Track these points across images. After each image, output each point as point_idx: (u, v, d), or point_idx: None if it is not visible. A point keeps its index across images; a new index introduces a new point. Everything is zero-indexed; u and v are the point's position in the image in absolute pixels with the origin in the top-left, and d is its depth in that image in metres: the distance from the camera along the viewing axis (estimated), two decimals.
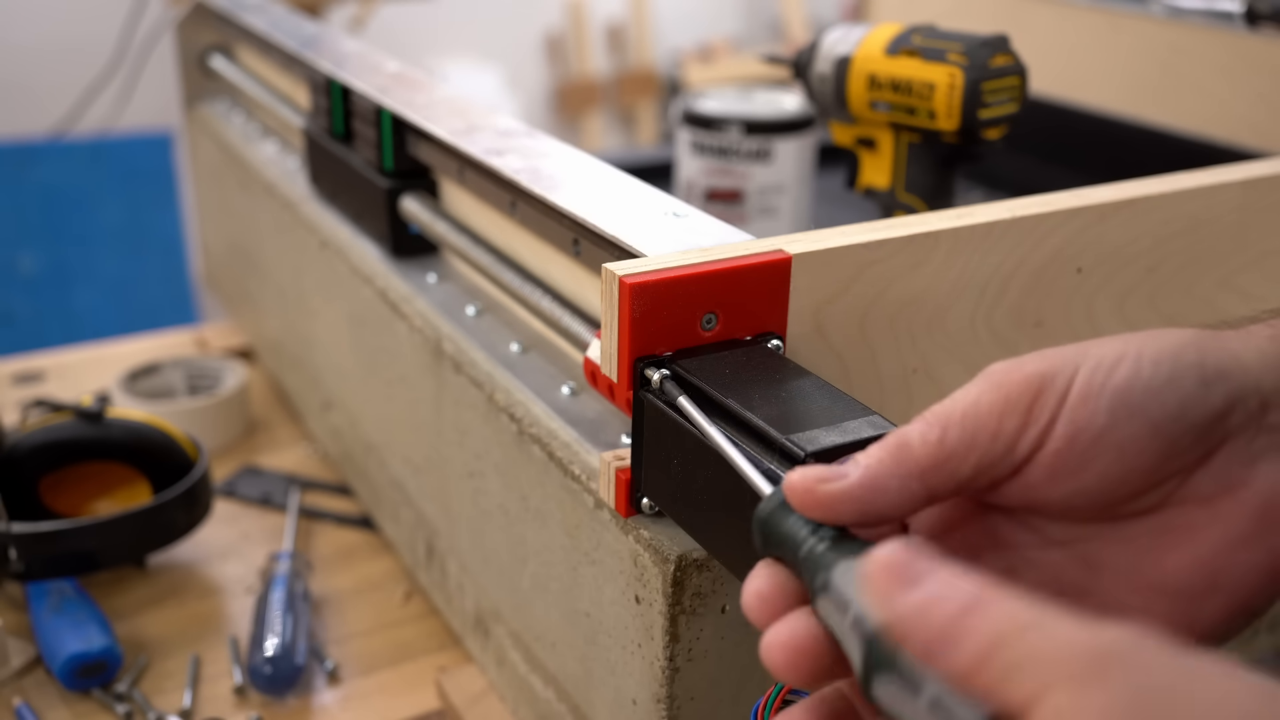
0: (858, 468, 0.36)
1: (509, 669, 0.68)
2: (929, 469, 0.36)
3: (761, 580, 0.36)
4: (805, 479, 0.36)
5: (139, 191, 2.32)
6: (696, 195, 1.06)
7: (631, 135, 3.80)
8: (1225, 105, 1.09)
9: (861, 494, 0.36)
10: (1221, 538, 0.36)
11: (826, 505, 0.36)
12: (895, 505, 0.36)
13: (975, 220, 0.55)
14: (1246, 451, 0.37)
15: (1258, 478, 0.37)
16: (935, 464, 0.36)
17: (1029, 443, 0.36)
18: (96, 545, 0.79)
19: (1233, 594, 0.36)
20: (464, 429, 0.68)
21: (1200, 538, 0.37)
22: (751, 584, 0.36)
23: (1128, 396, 0.36)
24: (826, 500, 0.36)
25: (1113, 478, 0.36)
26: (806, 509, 0.36)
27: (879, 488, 0.36)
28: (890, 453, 0.36)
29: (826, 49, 0.83)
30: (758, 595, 0.36)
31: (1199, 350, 0.37)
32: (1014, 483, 0.37)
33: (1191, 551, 0.37)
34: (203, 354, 1.15)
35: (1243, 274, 0.66)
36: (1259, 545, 0.36)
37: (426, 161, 0.78)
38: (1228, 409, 0.36)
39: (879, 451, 0.37)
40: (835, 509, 0.36)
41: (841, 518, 0.36)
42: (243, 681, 0.74)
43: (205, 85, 1.22)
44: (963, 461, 0.36)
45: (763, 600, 0.36)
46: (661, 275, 0.47)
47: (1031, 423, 0.36)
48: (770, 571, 0.36)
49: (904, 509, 0.36)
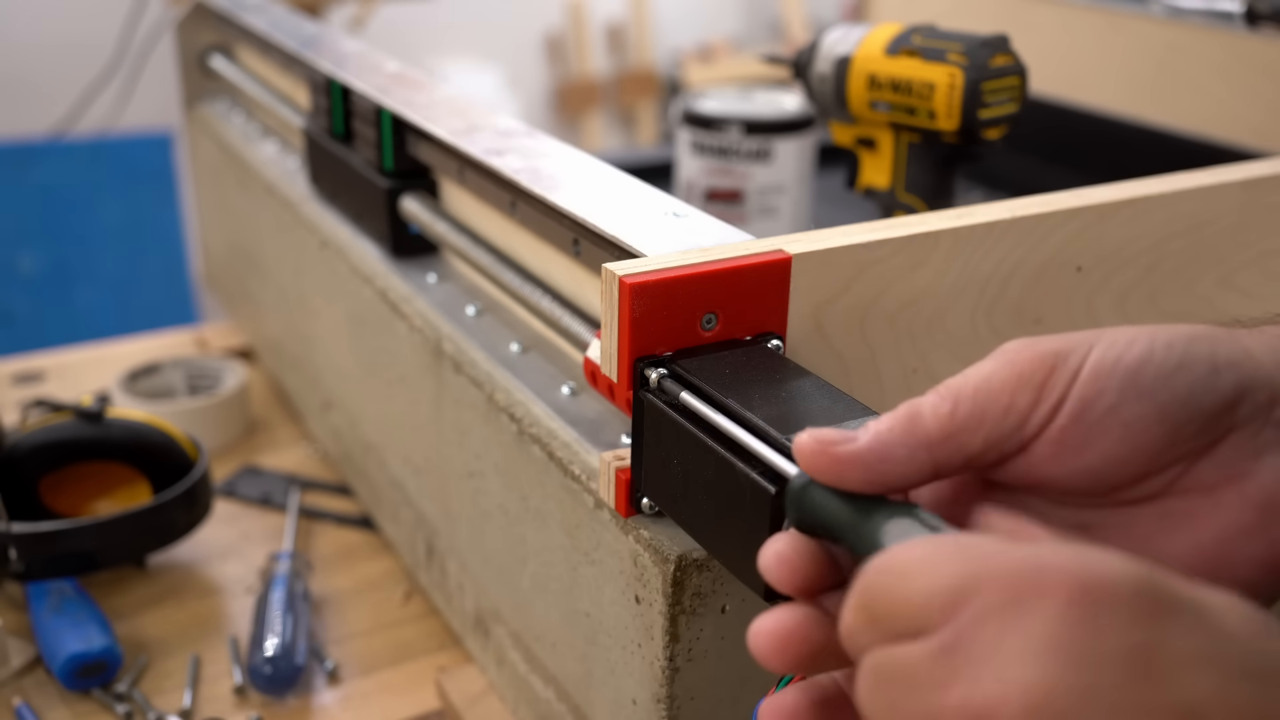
0: (868, 433, 0.36)
1: (509, 669, 0.68)
2: (938, 441, 0.36)
3: (782, 543, 0.37)
4: (817, 439, 0.36)
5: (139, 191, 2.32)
6: (696, 195, 1.06)
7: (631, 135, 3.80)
8: (1224, 105, 1.09)
9: (869, 459, 0.36)
10: (1223, 528, 0.37)
11: (835, 467, 0.36)
12: (902, 474, 0.36)
13: (975, 220, 0.55)
14: (1252, 443, 0.37)
15: (1262, 470, 0.37)
16: (945, 436, 0.36)
17: (1039, 419, 0.36)
18: (96, 545, 0.79)
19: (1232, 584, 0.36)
20: (464, 429, 0.68)
21: (1201, 526, 0.37)
22: (772, 546, 0.37)
23: (1138, 377, 0.36)
24: (836, 462, 0.36)
25: (1116, 458, 0.36)
26: (816, 470, 0.36)
27: (887, 455, 0.36)
28: (901, 422, 0.37)
29: (826, 49, 0.83)
30: (778, 556, 0.36)
31: (1211, 341, 0.37)
32: (1020, 460, 0.37)
33: (1192, 540, 0.37)
34: (203, 354, 1.15)
35: (1243, 273, 0.66)
36: (1260, 537, 0.36)
37: (426, 161, 0.78)
38: (1236, 399, 0.37)
39: (890, 420, 0.37)
40: (843, 472, 0.36)
41: (847, 482, 0.36)
42: (243, 681, 0.74)
43: (205, 85, 1.22)
44: (972, 435, 0.36)
45: (782, 560, 0.36)
46: (661, 275, 0.47)
47: (1043, 399, 0.36)
48: (791, 537, 0.37)
49: (910, 479, 0.36)
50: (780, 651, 0.35)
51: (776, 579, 0.36)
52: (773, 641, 0.35)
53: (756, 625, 0.36)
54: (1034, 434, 0.36)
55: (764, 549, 0.37)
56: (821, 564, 0.36)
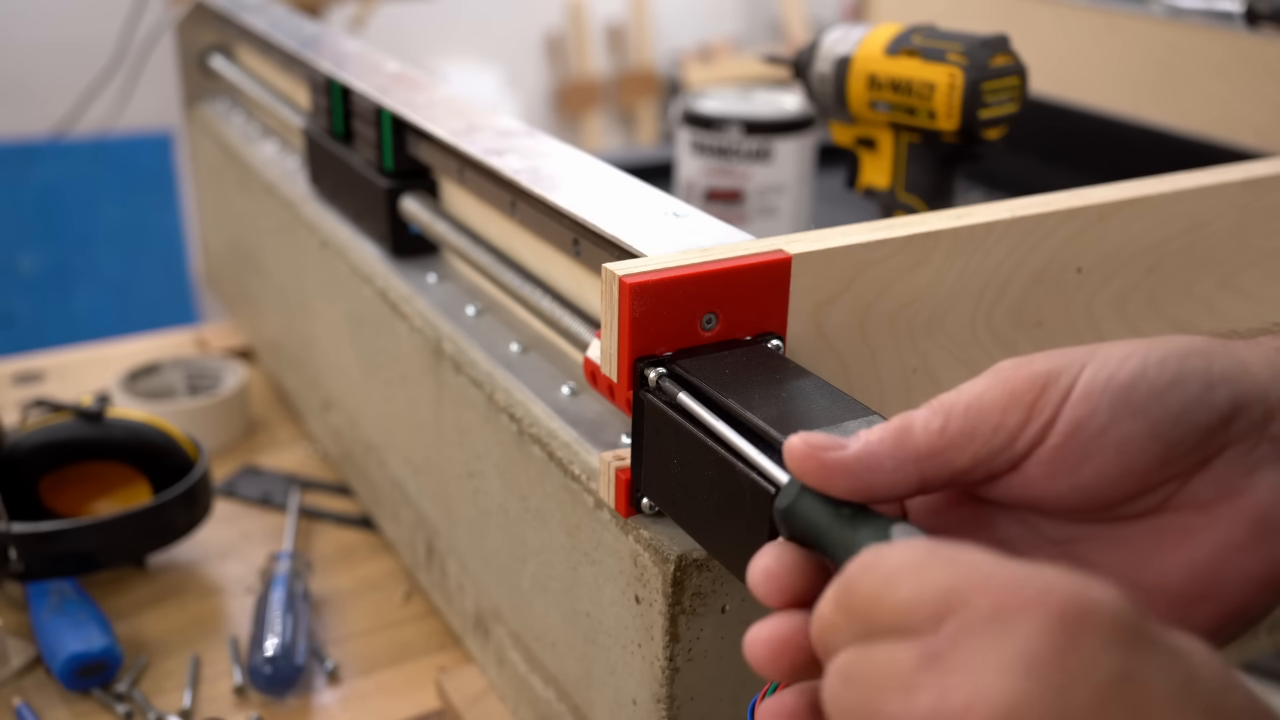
0: (858, 442, 0.37)
1: (509, 669, 0.68)
2: (926, 455, 0.37)
3: (769, 558, 0.37)
4: (806, 443, 0.37)
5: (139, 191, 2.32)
6: (696, 195, 1.06)
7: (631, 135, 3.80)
8: (1225, 105, 1.09)
9: (856, 468, 0.36)
10: (1217, 544, 0.36)
11: (822, 472, 0.36)
12: (888, 485, 0.36)
13: (975, 220, 0.55)
14: (1247, 459, 0.37)
15: (1257, 486, 0.37)
16: (933, 451, 0.37)
17: (1029, 438, 0.36)
18: (96, 545, 0.79)
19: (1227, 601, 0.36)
20: (464, 429, 0.68)
21: (1196, 543, 0.37)
22: (759, 561, 0.37)
23: (1130, 395, 0.36)
24: (824, 467, 0.36)
25: (1110, 476, 0.36)
26: (804, 473, 0.37)
27: (875, 465, 0.36)
28: (892, 434, 0.37)
29: (826, 49, 0.83)
30: (764, 572, 0.37)
31: (1206, 356, 0.37)
32: (1013, 478, 0.37)
33: (1187, 556, 0.37)
34: (203, 354, 1.15)
35: (1243, 274, 0.66)
36: (1255, 553, 0.36)
37: (426, 161, 0.78)
38: (1231, 415, 0.36)
39: (881, 431, 0.37)
40: (830, 477, 0.36)
41: (834, 488, 0.36)
42: (243, 681, 0.74)
43: (205, 85, 1.22)
44: (961, 452, 0.37)
45: (769, 576, 0.36)
46: (661, 275, 0.47)
47: (1034, 418, 0.36)
48: (778, 550, 0.37)
49: (896, 490, 0.37)
50: (775, 659, 0.35)
51: (763, 594, 0.37)
52: (769, 649, 0.36)
53: (752, 633, 0.36)
54: (1024, 453, 0.37)
55: (751, 564, 0.37)
56: (810, 575, 0.37)
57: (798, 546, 0.37)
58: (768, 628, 0.36)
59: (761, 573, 0.37)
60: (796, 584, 0.36)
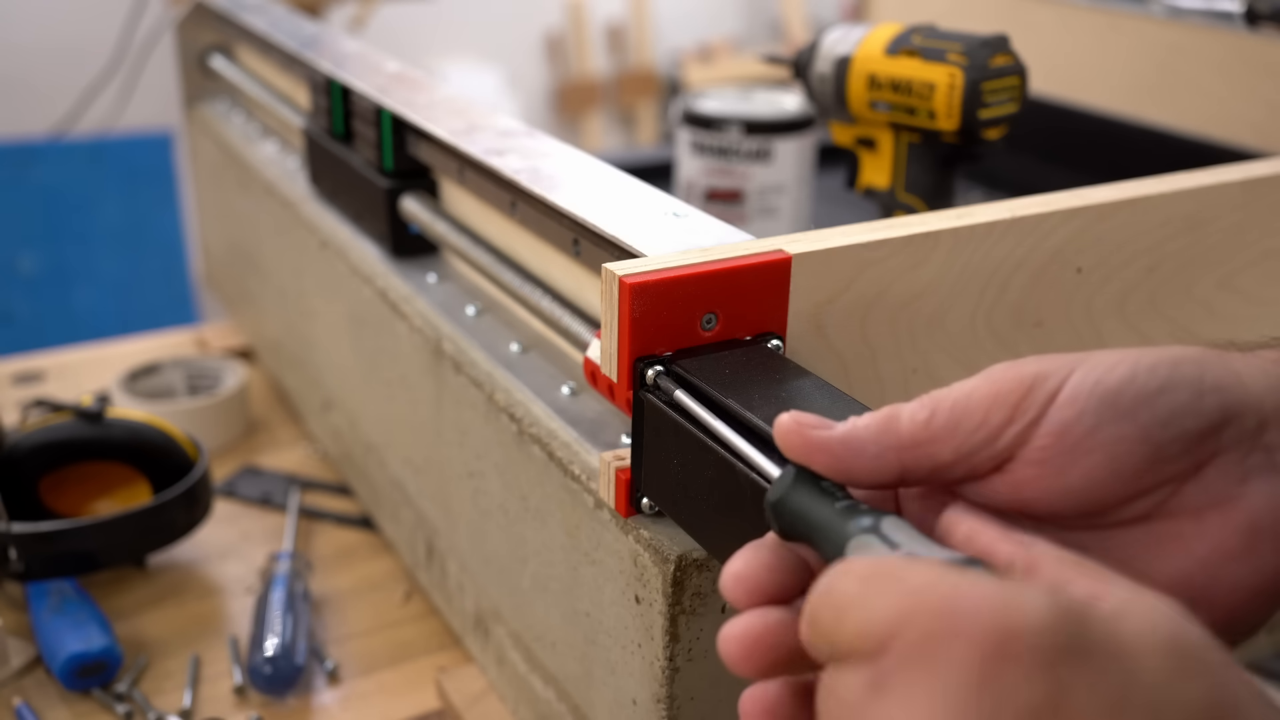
0: (845, 425, 0.38)
1: (509, 669, 0.68)
2: (909, 445, 0.37)
3: (739, 562, 0.37)
4: (795, 420, 0.38)
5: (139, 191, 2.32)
6: (696, 195, 1.06)
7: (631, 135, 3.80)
8: (1225, 105, 1.09)
9: (838, 448, 0.37)
10: (1209, 552, 0.36)
11: (805, 449, 0.37)
12: (868, 470, 0.37)
13: (975, 220, 0.55)
14: (1239, 468, 0.37)
15: (1248, 494, 0.37)
16: (916, 442, 0.37)
17: (1011, 436, 0.37)
18: (96, 545, 0.79)
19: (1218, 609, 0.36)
20: (464, 429, 0.68)
21: (1187, 550, 0.37)
22: (729, 566, 0.37)
23: (1118, 399, 0.36)
24: (806, 444, 0.37)
25: (1100, 480, 0.36)
26: (788, 449, 0.38)
27: (858, 450, 0.37)
28: (878, 421, 0.38)
29: (826, 49, 0.83)
30: (734, 576, 0.37)
31: (1199, 364, 0.37)
32: (1001, 480, 0.37)
33: (1179, 563, 0.37)
34: (203, 354, 1.15)
35: (1243, 274, 0.66)
36: (1246, 562, 0.36)
37: (426, 161, 0.78)
38: (1222, 422, 0.36)
39: (869, 418, 0.38)
40: (812, 455, 0.37)
41: (814, 465, 0.37)
42: (243, 681, 0.74)
43: (205, 85, 1.22)
44: (943, 445, 0.37)
45: (738, 580, 0.37)
46: (661, 275, 0.47)
47: (1017, 417, 0.37)
48: (749, 553, 0.37)
49: (876, 477, 0.37)
50: (746, 657, 0.35)
51: (733, 599, 0.37)
52: (740, 647, 0.35)
53: (725, 630, 0.36)
54: (1007, 452, 0.37)
55: (723, 570, 0.37)
56: (787, 572, 0.37)
57: (771, 546, 0.38)
58: (739, 625, 0.36)
59: (731, 578, 0.37)
60: (766, 583, 0.36)
